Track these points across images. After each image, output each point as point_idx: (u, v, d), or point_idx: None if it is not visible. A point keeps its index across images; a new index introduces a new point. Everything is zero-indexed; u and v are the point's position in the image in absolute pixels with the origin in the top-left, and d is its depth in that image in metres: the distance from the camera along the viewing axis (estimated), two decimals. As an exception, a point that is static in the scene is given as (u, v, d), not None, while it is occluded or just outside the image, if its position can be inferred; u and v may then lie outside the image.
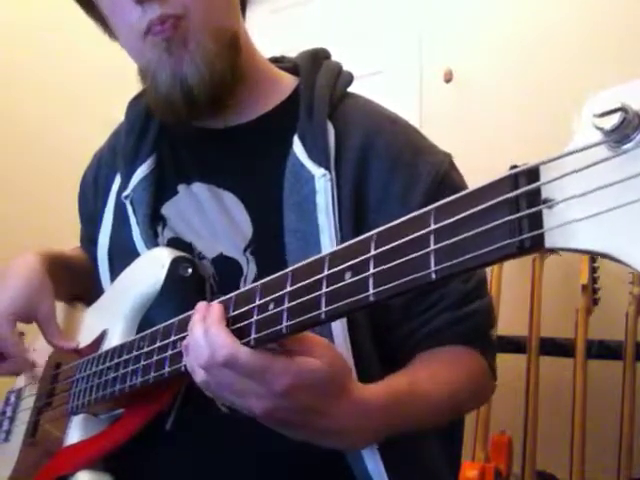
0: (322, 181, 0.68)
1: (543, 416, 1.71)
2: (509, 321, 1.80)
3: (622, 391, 1.60)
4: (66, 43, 2.18)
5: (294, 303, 0.46)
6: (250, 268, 0.70)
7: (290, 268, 0.48)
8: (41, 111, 2.13)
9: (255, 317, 0.50)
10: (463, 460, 1.56)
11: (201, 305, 0.55)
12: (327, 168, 0.69)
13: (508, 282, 1.80)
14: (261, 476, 0.69)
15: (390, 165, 0.71)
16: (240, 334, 0.51)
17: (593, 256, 1.71)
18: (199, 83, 0.68)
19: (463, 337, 0.71)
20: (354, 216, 0.68)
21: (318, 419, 0.52)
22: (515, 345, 1.80)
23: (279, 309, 0.47)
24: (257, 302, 0.50)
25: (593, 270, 1.71)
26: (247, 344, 0.50)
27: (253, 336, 0.50)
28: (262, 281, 0.51)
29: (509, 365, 1.87)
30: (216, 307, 0.53)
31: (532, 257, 1.80)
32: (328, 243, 0.66)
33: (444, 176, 0.71)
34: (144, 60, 0.70)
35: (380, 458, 0.64)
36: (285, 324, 0.47)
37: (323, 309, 0.44)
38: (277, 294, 0.48)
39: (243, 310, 0.51)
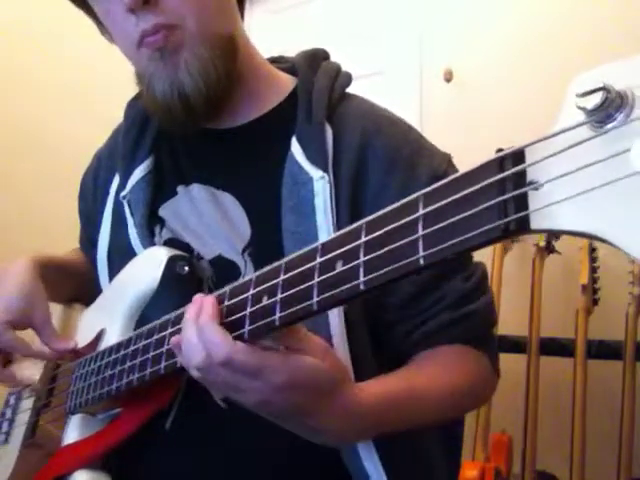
0: (320, 183, 0.68)
1: (543, 416, 1.71)
2: (509, 321, 1.80)
3: (622, 391, 1.60)
4: (66, 43, 2.18)
5: (286, 294, 0.46)
6: (248, 270, 0.70)
7: (283, 259, 0.48)
8: (41, 111, 2.13)
9: (249, 309, 0.50)
10: (463, 460, 1.56)
11: (196, 299, 0.54)
12: (325, 170, 0.68)
13: (508, 282, 1.79)
14: (260, 474, 0.69)
15: (388, 165, 0.70)
16: (234, 326, 0.51)
17: (593, 256, 1.71)
18: (195, 92, 0.68)
19: (461, 338, 0.70)
20: (351, 216, 0.68)
21: (307, 416, 0.52)
22: (515, 345, 1.80)
23: (272, 300, 0.47)
24: (250, 293, 0.50)
25: (593, 270, 1.71)
26: (241, 337, 0.50)
27: (247, 328, 0.50)
28: (256, 273, 0.51)
29: (509, 365, 1.86)
30: (210, 301, 0.52)
31: (532, 257, 1.80)
32: None
33: (442, 177, 0.70)
34: (140, 68, 0.71)
35: (377, 457, 0.64)
36: (278, 315, 0.47)
37: (315, 299, 0.43)
38: (270, 284, 0.48)
39: (237, 301, 0.51)
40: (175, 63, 0.67)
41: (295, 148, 0.71)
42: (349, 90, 0.80)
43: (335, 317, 0.64)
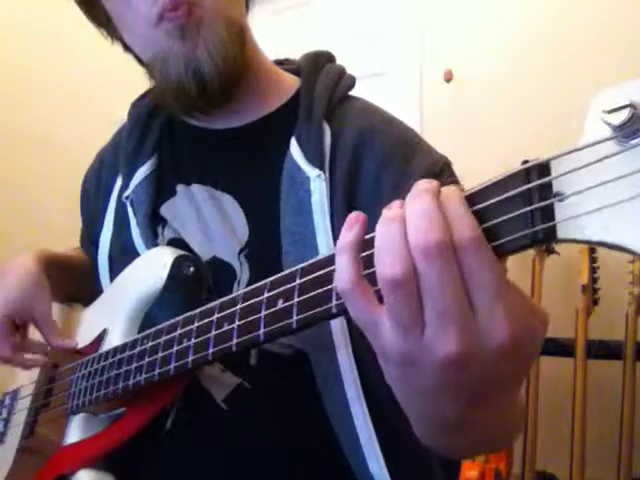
0: (317, 182, 0.68)
1: (543, 416, 1.71)
2: (509, 321, 1.80)
3: (622, 391, 1.61)
4: (69, 43, 2.18)
5: (304, 297, 0.46)
6: (244, 272, 0.70)
7: (296, 267, 0.47)
8: (44, 111, 2.13)
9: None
10: (463, 460, 1.56)
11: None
12: (321, 169, 0.68)
13: (508, 282, 1.80)
14: (261, 474, 0.69)
15: (382, 163, 0.70)
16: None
17: (593, 256, 1.71)
18: (211, 70, 0.67)
19: None
20: (347, 213, 0.68)
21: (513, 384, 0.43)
22: (515, 345, 1.80)
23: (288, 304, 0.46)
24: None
25: (593, 270, 1.71)
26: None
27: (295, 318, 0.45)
28: (270, 279, 0.49)
29: (509, 365, 1.87)
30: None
31: (532, 257, 1.81)
32: (324, 244, 0.66)
33: (437, 176, 0.69)
34: (155, 48, 0.69)
35: (383, 460, 0.63)
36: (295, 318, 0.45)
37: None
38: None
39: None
40: (194, 42, 0.67)
41: (294, 148, 0.71)
42: (352, 92, 0.80)
43: (337, 322, 0.64)
